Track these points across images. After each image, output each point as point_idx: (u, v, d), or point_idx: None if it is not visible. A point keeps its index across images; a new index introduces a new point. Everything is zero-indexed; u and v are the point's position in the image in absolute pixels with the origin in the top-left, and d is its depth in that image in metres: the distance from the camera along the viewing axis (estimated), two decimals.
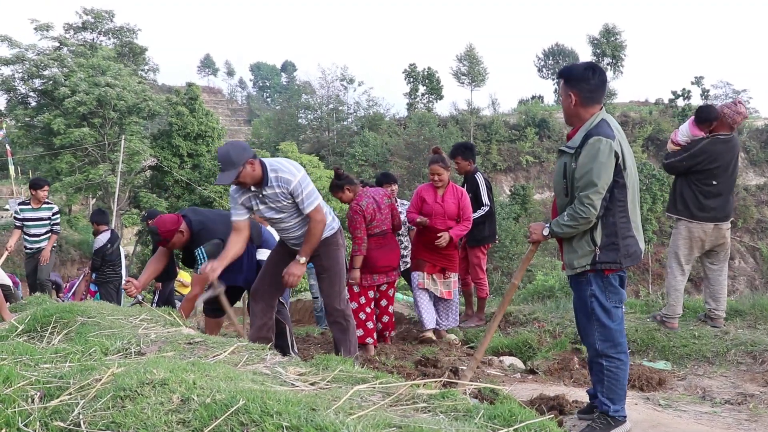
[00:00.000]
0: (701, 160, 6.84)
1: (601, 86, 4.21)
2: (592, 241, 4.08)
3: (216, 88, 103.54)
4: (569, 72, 4.27)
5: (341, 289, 5.61)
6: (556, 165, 4.45)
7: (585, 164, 4.00)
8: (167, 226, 5.91)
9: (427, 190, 7.86)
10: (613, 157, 3.96)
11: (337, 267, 5.56)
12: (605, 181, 3.95)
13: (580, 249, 4.13)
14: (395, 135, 60.81)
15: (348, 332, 5.63)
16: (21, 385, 3.00)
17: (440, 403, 2.72)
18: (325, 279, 5.63)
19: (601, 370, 4.18)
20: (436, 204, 7.69)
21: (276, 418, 2.28)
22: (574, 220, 4.05)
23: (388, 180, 8.80)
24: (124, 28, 43.20)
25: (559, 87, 4.52)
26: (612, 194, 4.02)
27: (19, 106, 36.62)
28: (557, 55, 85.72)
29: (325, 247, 5.49)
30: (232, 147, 5.02)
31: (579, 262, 4.15)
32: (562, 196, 4.25)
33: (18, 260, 22.70)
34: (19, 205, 10.64)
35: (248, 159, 4.96)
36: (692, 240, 6.94)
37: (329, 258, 5.53)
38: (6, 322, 5.55)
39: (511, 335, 7.80)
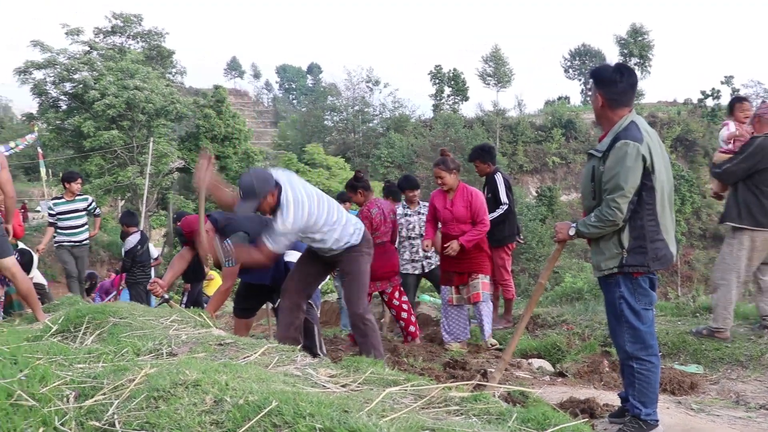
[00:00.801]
0: (760, 159, 6.41)
1: (630, 89, 4.19)
2: (620, 244, 4.06)
3: (242, 91, 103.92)
4: (598, 73, 4.26)
5: (361, 293, 5.63)
6: (584, 168, 4.44)
7: (612, 168, 3.99)
8: (192, 226, 5.97)
9: (438, 196, 7.67)
10: (640, 160, 3.94)
11: (357, 273, 5.58)
12: (632, 184, 3.94)
13: (608, 251, 4.12)
14: (421, 136, 60.69)
15: (368, 336, 5.64)
16: (56, 385, 3.04)
17: (473, 406, 2.72)
18: (345, 283, 5.70)
19: (632, 372, 4.15)
20: (445, 210, 7.52)
21: (309, 419, 2.29)
22: (600, 222, 4.04)
23: (411, 185, 8.80)
24: (152, 32, 43.50)
25: (588, 87, 4.50)
26: (640, 197, 4.00)
27: (51, 110, 37.02)
28: (584, 56, 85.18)
29: (348, 253, 5.53)
30: (256, 178, 5.01)
31: (606, 264, 4.13)
32: (589, 198, 4.24)
33: (49, 261, 22.96)
34: (52, 200, 10.72)
35: (270, 191, 5.00)
36: (754, 250, 6.52)
37: (351, 263, 5.56)
38: (40, 322, 5.63)
39: (540, 337, 7.77)
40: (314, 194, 5.31)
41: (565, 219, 45.80)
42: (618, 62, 4.60)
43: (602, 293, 4.46)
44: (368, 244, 5.68)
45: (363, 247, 5.59)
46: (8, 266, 6.11)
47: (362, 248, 5.58)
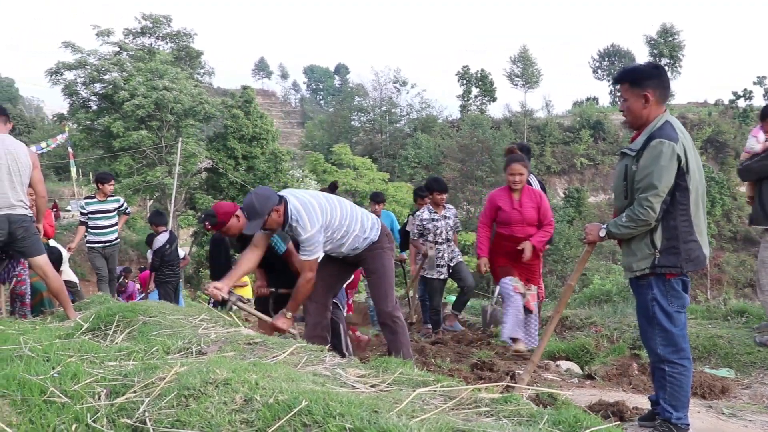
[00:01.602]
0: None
1: (669, 84, 4.20)
2: (652, 245, 4.01)
3: (270, 91, 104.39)
4: (638, 72, 4.19)
5: (388, 291, 5.59)
6: (616, 167, 4.39)
7: (646, 166, 3.94)
8: (225, 209, 6.00)
9: (501, 195, 7.19)
10: (675, 160, 3.89)
11: (383, 269, 5.55)
12: (665, 184, 3.89)
13: (640, 252, 4.07)
14: (448, 137, 60.61)
15: (397, 333, 5.60)
16: (88, 382, 3.07)
17: (503, 408, 2.70)
18: (371, 281, 5.68)
19: (663, 375, 4.10)
20: (513, 210, 7.07)
21: (339, 419, 2.29)
22: (632, 222, 4.00)
23: (440, 187, 8.78)
24: (181, 33, 43.79)
25: (618, 90, 4.41)
26: (673, 197, 3.96)
27: (81, 110, 37.38)
28: (613, 56, 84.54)
29: (370, 251, 5.52)
30: (256, 197, 5.02)
31: (638, 265, 4.08)
32: (621, 198, 4.20)
33: (78, 259, 23.18)
34: (84, 199, 10.82)
35: (273, 207, 5.00)
36: None
37: (374, 261, 5.54)
38: (71, 320, 5.69)
39: (568, 340, 7.73)
40: (320, 195, 5.34)
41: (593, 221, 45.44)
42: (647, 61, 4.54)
43: (633, 295, 4.41)
44: (388, 239, 5.65)
45: (384, 242, 5.56)
46: (40, 264, 6.18)
47: (383, 244, 5.56)
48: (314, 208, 5.09)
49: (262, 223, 4.99)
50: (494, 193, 7.37)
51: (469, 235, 39.36)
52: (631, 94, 4.15)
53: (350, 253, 5.47)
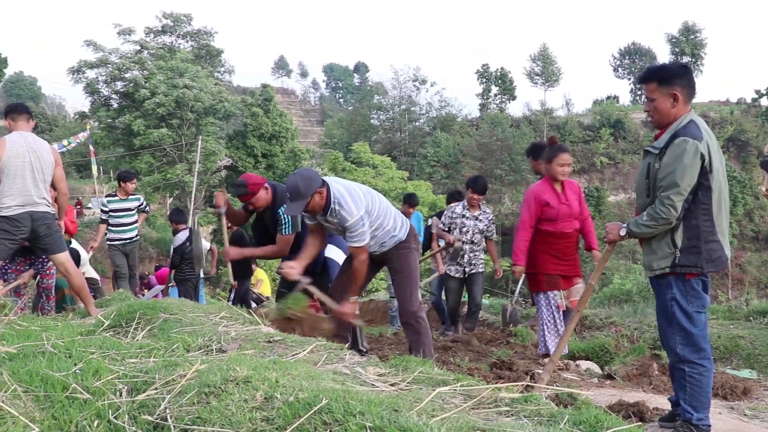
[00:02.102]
0: None
1: (695, 84, 4.16)
2: (673, 243, 3.99)
3: (290, 89, 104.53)
4: (667, 71, 4.16)
5: (413, 291, 5.59)
6: (639, 165, 4.36)
7: (669, 164, 3.91)
8: (254, 180, 6.00)
9: (545, 189, 6.66)
10: (698, 158, 3.86)
11: (408, 269, 5.54)
12: (688, 182, 3.86)
13: (660, 251, 4.04)
14: (467, 136, 60.45)
15: (420, 334, 5.59)
16: (109, 379, 3.09)
17: (523, 407, 2.70)
18: (397, 281, 5.63)
19: (683, 376, 4.07)
20: (562, 205, 6.61)
21: (359, 418, 2.29)
22: (653, 221, 3.97)
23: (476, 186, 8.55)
24: (201, 31, 43.99)
25: (642, 89, 4.37)
26: (696, 196, 3.93)
27: (102, 108, 37.66)
28: (633, 54, 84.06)
29: (397, 250, 5.51)
30: (301, 178, 5.01)
31: (658, 264, 4.05)
32: (643, 196, 4.17)
33: (99, 257, 23.35)
34: (106, 197, 10.91)
35: (316, 189, 4.98)
36: None
37: (401, 260, 5.53)
38: (92, 317, 5.73)
39: (588, 339, 7.69)
40: (362, 186, 5.36)
41: (613, 220, 45.37)
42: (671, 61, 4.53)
43: (653, 295, 4.38)
44: (415, 240, 5.64)
45: (411, 243, 5.56)
46: (62, 261, 6.24)
47: (410, 244, 5.56)
48: (357, 193, 5.11)
49: (304, 204, 4.96)
50: (536, 188, 6.74)
51: None
52: (659, 93, 4.11)
53: (377, 249, 5.45)
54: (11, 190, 5.88)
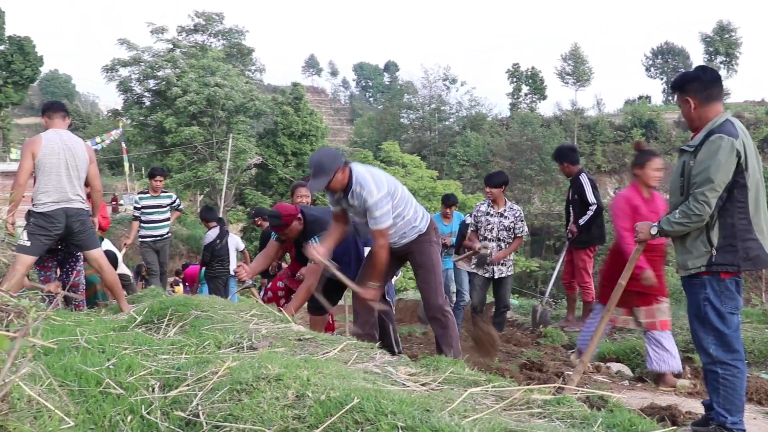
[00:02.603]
0: None
1: (715, 82, 4.14)
2: (709, 242, 3.94)
3: (320, 88, 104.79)
4: (680, 79, 4.25)
5: (437, 285, 5.55)
6: (675, 164, 4.33)
7: (703, 161, 3.90)
8: (288, 210, 6.03)
9: (635, 196, 6.16)
10: (734, 156, 3.83)
11: (431, 263, 5.51)
12: (722, 179, 3.83)
13: (695, 250, 4.00)
14: (497, 135, 60.22)
15: (448, 328, 5.56)
16: (142, 375, 3.12)
17: (555, 409, 2.68)
18: (420, 275, 5.61)
19: (716, 378, 4.01)
20: (651, 214, 5.90)
21: (391, 417, 2.29)
22: (686, 218, 3.94)
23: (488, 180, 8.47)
24: (233, 30, 44.29)
25: (674, 99, 4.41)
26: (731, 194, 3.89)
27: (135, 106, 38.06)
28: (666, 54, 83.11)
29: (418, 244, 5.49)
30: (324, 154, 5.07)
31: (693, 263, 4.00)
32: (677, 194, 4.14)
33: (130, 253, 23.55)
34: (138, 194, 11.01)
35: (339, 166, 5.00)
36: None
37: (422, 254, 5.50)
38: (124, 312, 5.78)
39: (618, 341, 7.62)
40: (381, 170, 5.36)
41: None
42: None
43: (685, 295, 4.33)
44: (436, 232, 5.63)
45: (432, 235, 5.55)
46: (96, 257, 6.30)
47: (431, 237, 5.54)
48: (379, 175, 5.12)
49: (327, 181, 4.98)
50: (626, 195, 6.29)
51: None
52: (679, 100, 4.21)
53: (398, 241, 5.42)
54: (46, 186, 5.95)
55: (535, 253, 49.20)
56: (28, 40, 46.67)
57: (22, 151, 6.07)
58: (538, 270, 42.84)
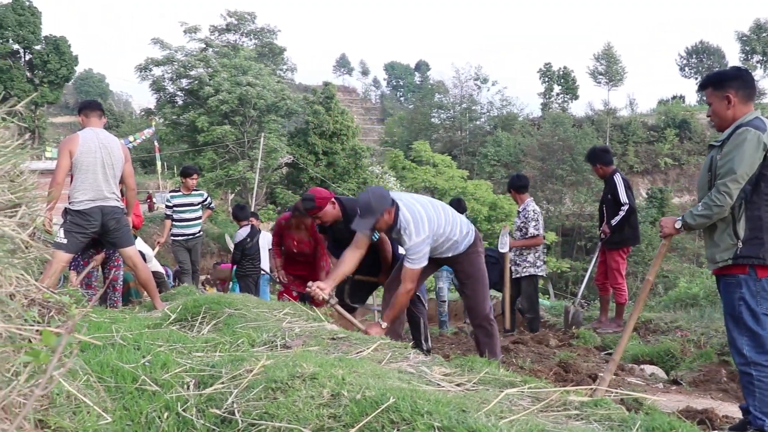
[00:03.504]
0: None
1: (753, 84, 4.17)
2: (735, 235, 3.92)
3: (351, 87, 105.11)
4: (720, 76, 4.22)
5: (485, 295, 5.61)
6: (704, 161, 4.32)
7: (728, 152, 3.92)
8: (322, 194, 6.00)
9: None
10: (760, 149, 3.84)
11: (479, 273, 5.55)
12: (745, 170, 3.82)
13: (722, 243, 3.98)
14: (528, 135, 60.01)
15: (493, 337, 5.60)
16: (177, 372, 3.13)
17: (593, 411, 2.65)
18: (469, 285, 5.62)
19: (751, 380, 3.94)
20: None
21: (427, 417, 2.28)
22: (707, 209, 3.94)
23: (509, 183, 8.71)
24: (265, 29, 44.62)
25: (705, 96, 4.35)
26: (758, 187, 3.87)
27: (167, 105, 38.44)
28: (701, 53, 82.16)
29: (467, 256, 5.50)
30: (373, 195, 5.03)
31: (721, 256, 3.98)
32: (705, 189, 4.11)
33: (162, 251, 23.73)
34: (170, 193, 11.08)
35: (386, 208, 5.00)
36: None
37: (471, 265, 5.53)
38: (158, 310, 5.83)
39: (652, 343, 7.54)
40: (427, 202, 5.32)
41: None
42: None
43: (720, 296, 4.28)
44: (480, 242, 5.64)
45: (479, 246, 5.57)
46: (130, 255, 6.37)
47: (478, 247, 5.56)
48: (422, 218, 5.06)
49: (374, 221, 5.01)
50: None
51: (548, 234, 39.06)
52: (714, 97, 4.17)
53: (444, 252, 5.43)
54: (83, 185, 6.02)
55: (566, 253, 48.98)
56: (64, 40, 47.36)
57: (60, 149, 6.13)
58: (570, 271, 42.64)
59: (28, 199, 1.91)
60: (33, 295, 2.05)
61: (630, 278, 38.25)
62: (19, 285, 1.93)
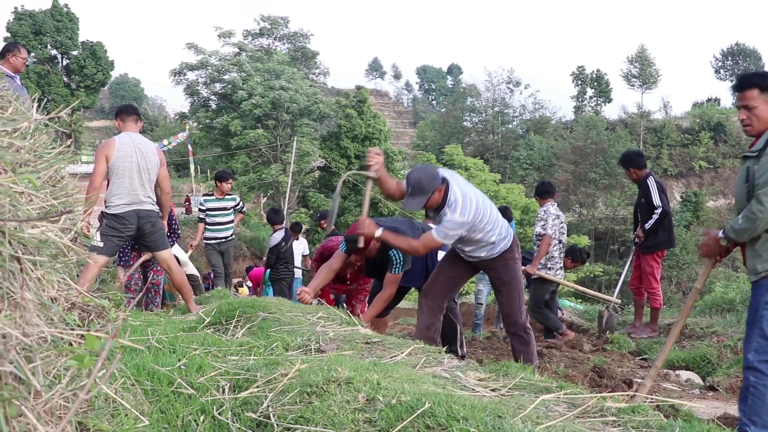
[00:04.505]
0: None
1: None
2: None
3: (383, 91, 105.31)
4: (762, 76, 4.04)
5: (521, 302, 5.52)
6: (738, 172, 4.20)
7: (766, 163, 3.77)
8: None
9: None
10: None
11: (516, 280, 5.47)
12: None
13: (765, 252, 3.84)
14: (561, 139, 59.70)
15: (529, 345, 5.53)
16: (212, 375, 3.15)
17: (630, 418, 2.62)
18: (504, 292, 5.53)
19: (747, 385, 3.81)
20: None
21: (462, 423, 2.27)
22: (748, 221, 3.80)
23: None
24: (298, 34, 44.80)
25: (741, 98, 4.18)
26: None
27: (201, 109, 38.71)
28: (737, 55, 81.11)
29: (503, 261, 5.41)
30: (423, 175, 4.99)
31: (764, 266, 3.85)
32: (743, 201, 3.99)
33: (195, 254, 23.92)
34: (203, 196, 11.16)
35: (437, 186, 4.98)
36: None
37: (507, 272, 5.44)
38: (193, 313, 5.88)
39: (688, 349, 7.45)
40: (479, 193, 5.28)
41: (711, 226, 43.76)
42: None
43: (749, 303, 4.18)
44: (518, 249, 5.56)
45: (515, 252, 5.48)
46: (165, 258, 6.43)
47: (514, 254, 5.47)
48: (471, 203, 5.03)
49: (425, 200, 4.98)
50: None
51: (581, 238, 38.95)
52: (761, 101, 3.98)
53: (483, 255, 5.38)
54: (119, 189, 6.10)
55: (599, 257, 48.62)
56: (100, 46, 47.91)
57: (97, 154, 6.21)
58: (602, 275, 42.32)
59: (70, 204, 1.94)
60: (74, 299, 2.07)
61: (665, 282, 37.89)
62: (60, 289, 1.96)
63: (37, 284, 1.65)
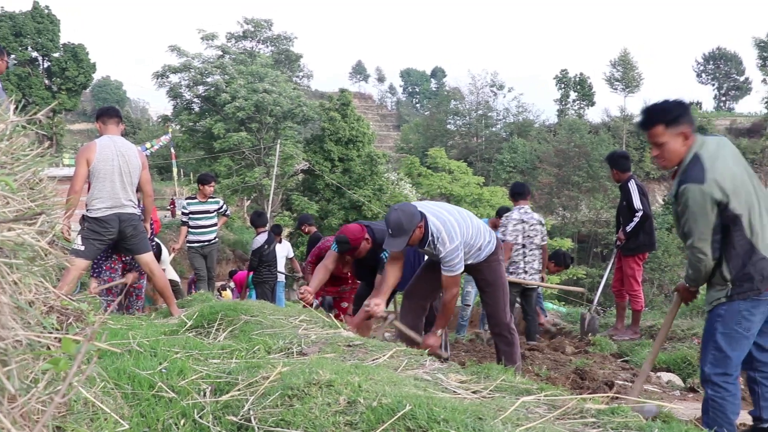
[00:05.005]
0: None
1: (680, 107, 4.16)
2: (722, 278, 3.83)
3: (367, 94, 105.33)
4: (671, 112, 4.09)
5: (506, 302, 5.61)
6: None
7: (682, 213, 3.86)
8: (356, 234, 6.05)
9: None
10: (707, 201, 3.71)
11: (500, 281, 5.58)
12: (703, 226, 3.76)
13: (718, 284, 3.89)
14: (545, 142, 59.87)
15: (513, 345, 5.61)
16: (193, 379, 3.14)
17: (610, 419, 2.63)
18: (489, 293, 5.63)
19: (707, 398, 3.87)
20: None
21: (443, 425, 2.28)
22: (694, 270, 3.91)
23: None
24: (281, 36, 44.72)
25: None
26: (727, 229, 3.76)
27: (184, 112, 38.57)
28: (718, 60, 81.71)
29: (487, 264, 5.52)
30: (403, 214, 5.00)
31: (715, 296, 3.90)
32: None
33: (178, 258, 23.83)
34: (186, 200, 11.10)
35: (417, 225, 5.02)
36: None
37: (492, 273, 5.54)
38: (174, 317, 5.85)
39: (669, 350, 7.49)
40: (452, 208, 5.37)
41: None
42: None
43: None
44: (501, 250, 5.65)
45: (499, 254, 5.58)
46: (147, 262, 6.40)
47: (498, 256, 5.57)
48: (452, 224, 5.11)
49: (407, 240, 5.02)
50: None
51: (564, 241, 39.18)
52: (669, 136, 4.01)
53: (471, 262, 5.46)
54: (101, 192, 6.06)
55: (582, 260, 48.78)
56: (82, 48, 47.69)
57: (77, 158, 6.16)
58: (585, 277, 42.46)
59: (48, 207, 1.93)
60: (52, 302, 2.06)
61: (646, 285, 38.06)
62: (38, 292, 1.94)
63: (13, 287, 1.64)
